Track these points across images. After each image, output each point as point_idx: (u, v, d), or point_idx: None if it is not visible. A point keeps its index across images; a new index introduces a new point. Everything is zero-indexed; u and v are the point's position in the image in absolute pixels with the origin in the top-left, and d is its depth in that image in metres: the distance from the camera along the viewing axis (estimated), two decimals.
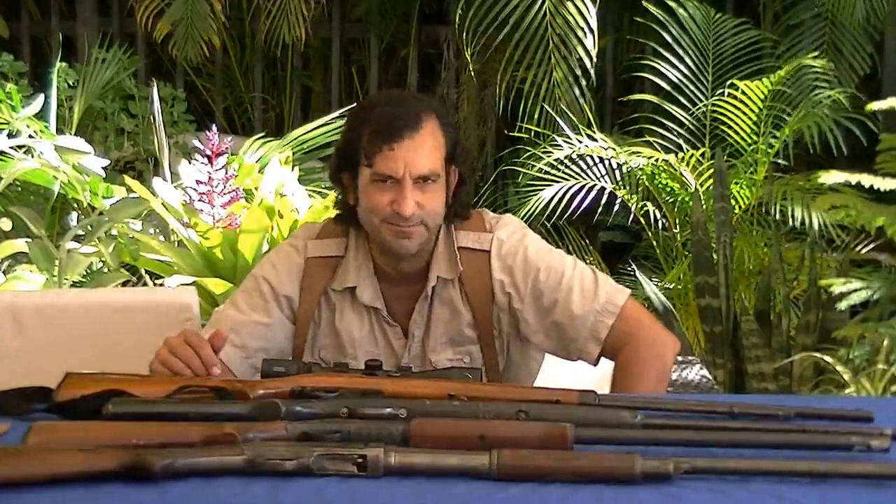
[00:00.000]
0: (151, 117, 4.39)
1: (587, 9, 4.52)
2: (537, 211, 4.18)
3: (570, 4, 4.53)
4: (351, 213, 2.05)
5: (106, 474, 1.26)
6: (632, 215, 4.46)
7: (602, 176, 4.35)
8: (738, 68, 4.47)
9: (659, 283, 3.94)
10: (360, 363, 1.95)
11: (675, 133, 4.43)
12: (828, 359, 2.63)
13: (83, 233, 3.67)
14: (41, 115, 4.11)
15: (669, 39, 4.52)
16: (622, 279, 4.07)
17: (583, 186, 4.29)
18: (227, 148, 3.65)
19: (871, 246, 3.84)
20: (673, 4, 4.48)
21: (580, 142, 4.25)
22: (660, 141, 4.39)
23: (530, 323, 2.08)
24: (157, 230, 3.76)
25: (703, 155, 4.10)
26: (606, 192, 4.33)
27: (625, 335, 2.04)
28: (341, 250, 2.10)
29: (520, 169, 4.40)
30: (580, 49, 4.54)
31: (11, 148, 3.89)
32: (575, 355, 2.10)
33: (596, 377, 2.35)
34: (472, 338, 2.09)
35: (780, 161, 4.21)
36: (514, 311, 2.08)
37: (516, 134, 4.59)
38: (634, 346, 2.04)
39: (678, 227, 4.21)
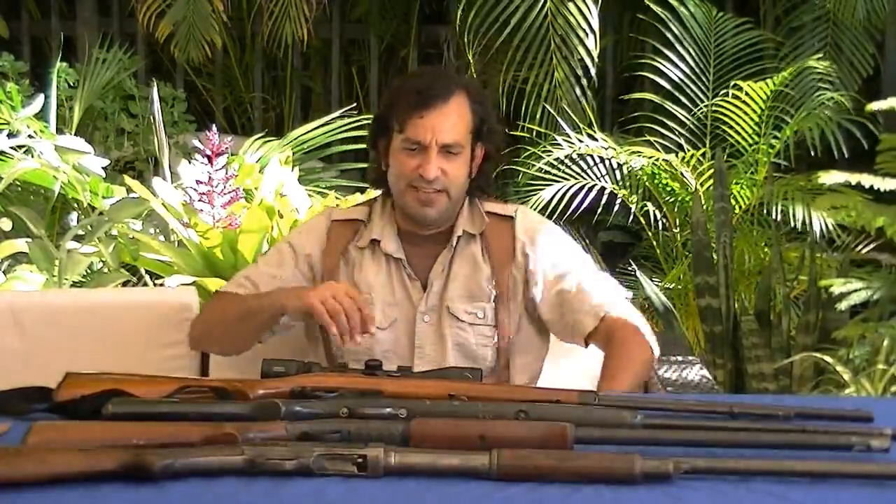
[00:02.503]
0: (151, 117, 4.39)
1: (589, 9, 4.51)
2: (537, 210, 4.18)
3: (571, 5, 4.53)
4: (382, 177, 2.20)
5: (106, 474, 1.26)
6: (632, 215, 4.46)
7: (602, 176, 4.35)
8: (738, 68, 4.46)
9: (659, 283, 3.94)
10: (377, 312, 2.14)
11: (676, 133, 4.43)
12: (828, 359, 2.64)
13: (83, 233, 3.67)
14: (41, 115, 4.10)
15: (671, 38, 4.52)
16: (622, 279, 4.06)
17: (583, 186, 4.29)
18: (227, 148, 3.64)
19: (872, 246, 3.84)
20: (675, 3, 4.48)
21: (580, 141, 4.25)
22: (660, 141, 4.38)
23: (540, 287, 2.20)
24: (157, 230, 3.75)
25: (703, 155, 4.10)
26: (606, 191, 4.33)
27: (622, 322, 2.14)
28: (364, 216, 2.25)
29: (520, 168, 4.40)
30: (581, 49, 4.54)
31: (11, 148, 3.88)
32: (569, 329, 2.19)
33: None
34: (488, 294, 2.19)
35: (780, 162, 4.21)
36: (529, 273, 2.20)
37: (517, 133, 4.59)
38: (627, 332, 2.13)
39: (678, 227, 4.21)
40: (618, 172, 4.36)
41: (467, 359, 2.17)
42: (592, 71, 4.56)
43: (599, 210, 4.43)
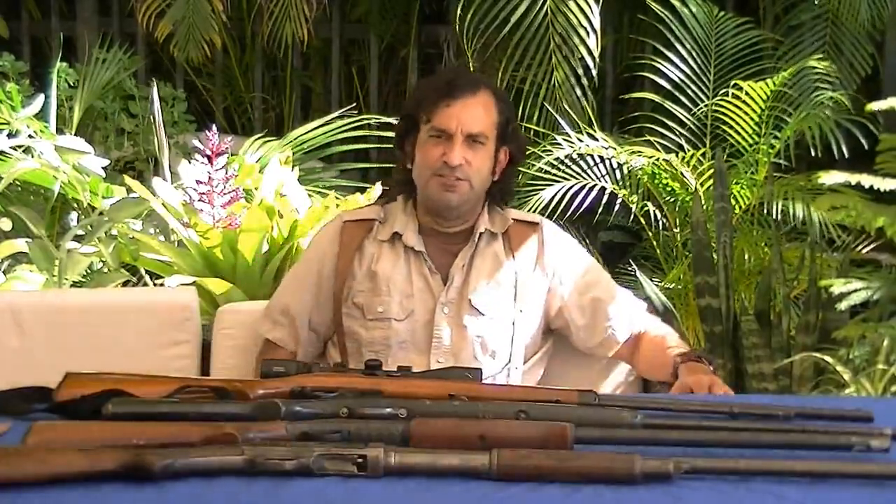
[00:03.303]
0: (151, 117, 4.38)
1: (590, 8, 4.51)
2: (538, 211, 4.17)
3: (572, 4, 4.52)
4: (408, 177, 2.26)
5: (106, 474, 1.26)
6: (632, 215, 4.45)
7: (602, 176, 4.34)
8: (739, 68, 4.45)
9: (659, 283, 3.94)
10: (394, 304, 2.19)
11: (676, 133, 4.42)
12: (828, 359, 2.63)
13: (83, 233, 3.66)
14: (41, 115, 4.10)
15: (671, 38, 4.51)
16: (622, 279, 4.06)
17: (583, 186, 4.28)
18: (227, 148, 3.64)
19: (872, 246, 3.84)
20: (675, 2, 4.48)
21: (581, 141, 4.25)
22: (660, 141, 4.38)
23: (570, 290, 2.29)
24: (157, 230, 3.75)
25: (703, 155, 4.10)
26: (607, 192, 4.32)
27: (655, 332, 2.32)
28: (377, 215, 2.30)
29: (520, 168, 4.38)
30: (582, 49, 4.54)
31: (11, 148, 3.88)
32: (600, 335, 2.28)
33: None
34: (510, 291, 2.25)
35: (780, 162, 4.20)
36: (556, 276, 2.28)
37: None
38: (652, 329, 2.32)
39: (678, 227, 4.20)
40: (618, 172, 4.35)
41: (485, 352, 2.20)
42: (594, 71, 4.55)
43: (599, 210, 4.42)
